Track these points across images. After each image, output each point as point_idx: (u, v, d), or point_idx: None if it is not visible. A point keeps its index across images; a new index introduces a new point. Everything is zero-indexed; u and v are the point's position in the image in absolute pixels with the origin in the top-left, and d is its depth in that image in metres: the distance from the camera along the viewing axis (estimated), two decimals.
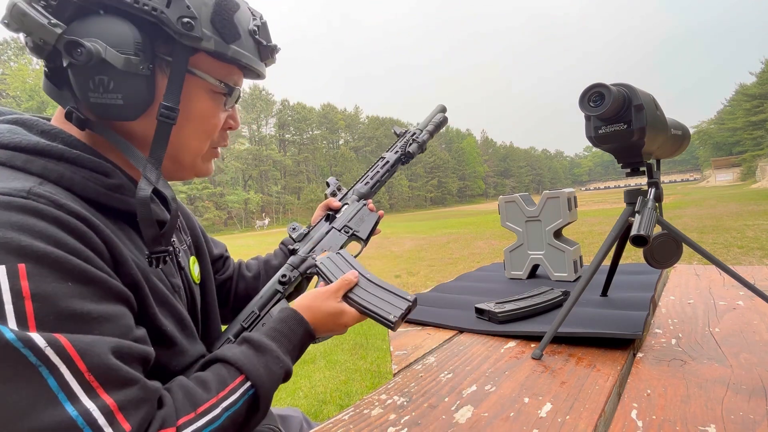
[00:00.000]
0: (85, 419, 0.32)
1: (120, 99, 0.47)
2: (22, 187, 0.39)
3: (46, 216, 0.38)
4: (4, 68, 37.56)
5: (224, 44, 0.51)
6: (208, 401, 0.42)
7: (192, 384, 0.44)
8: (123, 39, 0.46)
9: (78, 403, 0.33)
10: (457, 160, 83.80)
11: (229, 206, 46.19)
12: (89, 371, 0.34)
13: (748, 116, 44.44)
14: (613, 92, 0.57)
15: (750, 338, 0.64)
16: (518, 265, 1.17)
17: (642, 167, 0.66)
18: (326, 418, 1.44)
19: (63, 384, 0.33)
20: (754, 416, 0.44)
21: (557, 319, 0.63)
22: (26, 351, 0.32)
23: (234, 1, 0.52)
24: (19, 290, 0.33)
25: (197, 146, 0.56)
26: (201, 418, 0.41)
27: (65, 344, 0.33)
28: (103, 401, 0.34)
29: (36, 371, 0.32)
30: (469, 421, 0.47)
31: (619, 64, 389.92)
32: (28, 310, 0.33)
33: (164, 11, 0.46)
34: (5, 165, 0.42)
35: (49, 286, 0.34)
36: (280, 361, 0.50)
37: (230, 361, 0.47)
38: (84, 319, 0.36)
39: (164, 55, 0.49)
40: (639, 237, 0.54)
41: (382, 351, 2.92)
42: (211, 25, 0.50)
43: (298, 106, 62.36)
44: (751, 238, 5.61)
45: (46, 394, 0.32)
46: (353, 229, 0.79)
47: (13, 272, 0.33)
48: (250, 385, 0.46)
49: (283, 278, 0.70)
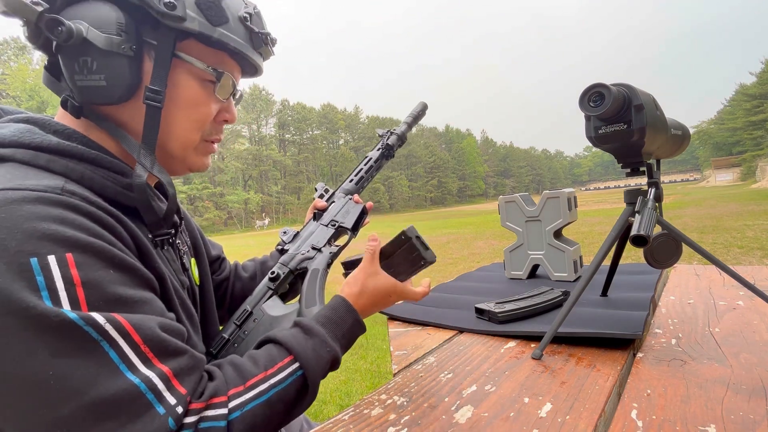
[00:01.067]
0: (147, 385, 0.36)
1: (103, 80, 0.47)
2: (56, 185, 0.40)
3: (81, 210, 0.40)
4: (4, 68, 37.55)
5: (210, 26, 0.50)
6: (256, 376, 0.44)
7: (243, 360, 0.47)
8: (105, 19, 0.46)
9: (137, 372, 0.36)
10: (457, 160, 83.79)
11: (229, 206, 46.18)
12: (144, 343, 0.37)
13: (748, 116, 44.43)
14: (613, 92, 0.57)
15: (750, 338, 0.64)
16: (518, 265, 1.17)
17: (642, 167, 0.66)
18: (326, 418, 1.44)
19: (123, 356, 0.36)
20: (754, 416, 0.44)
21: (557, 319, 0.63)
22: (88, 328, 0.35)
23: None
24: (70, 278, 0.35)
25: (186, 135, 0.54)
26: (249, 391, 0.43)
27: (121, 320, 0.36)
28: (160, 369, 0.37)
29: (98, 345, 0.35)
30: (469, 421, 0.47)
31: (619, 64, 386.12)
32: (80, 296, 0.35)
33: None
34: (29, 164, 0.43)
35: (95, 273, 0.37)
36: (327, 346, 0.51)
37: (280, 341, 0.49)
38: (127, 302, 0.38)
39: (150, 38, 0.49)
40: (639, 237, 0.54)
41: (382, 351, 2.92)
42: (196, 7, 0.50)
43: (298, 106, 62.35)
44: (751, 238, 5.61)
45: (108, 365, 0.35)
46: (339, 222, 0.81)
47: (62, 261, 0.35)
48: (298, 366, 0.47)
49: (272, 275, 0.71)
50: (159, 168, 0.52)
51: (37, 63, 39.88)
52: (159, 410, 0.36)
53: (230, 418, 0.40)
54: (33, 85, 33.86)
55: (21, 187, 0.38)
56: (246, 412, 0.41)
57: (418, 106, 0.96)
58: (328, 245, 0.77)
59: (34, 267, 0.34)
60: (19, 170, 0.42)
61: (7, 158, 0.43)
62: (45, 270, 0.34)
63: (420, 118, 0.96)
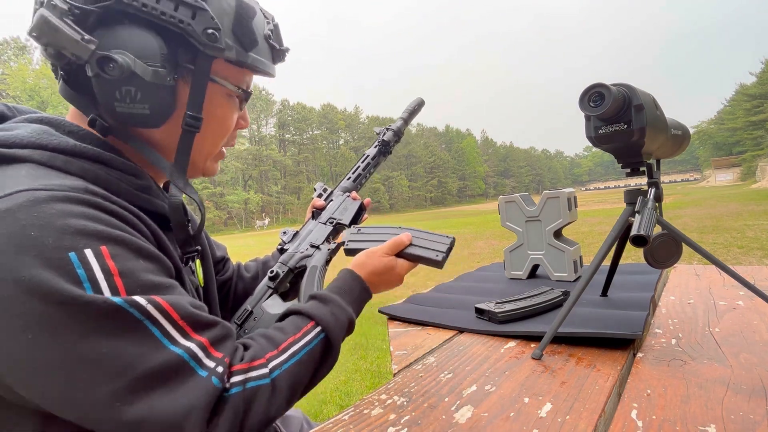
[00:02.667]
0: (189, 354, 0.40)
1: (147, 109, 0.49)
2: (79, 185, 0.42)
3: (105, 208, 0.42)
4: (4, 68, 37.55)
5: (244, 53, 0.53)
6: (286, 341, 0.49)
7: (270, 331, 0.51)
8: (150, 51, 0.47)
9: (178, 344, 0.40)
10: (457, 160, 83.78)
11: (229, 206, 46.17)
12: (181, 319, 0.41)
13: (748, 116, 44.42)
14: (613, 92, 0.57)
15: (750, 338, 0.64)
16: (518, 265, 1.17)
17: (642, 167, 0.65)
18: (326, 418, 1.44)
19: (164, 331, 0.39)
20: (754, 416, 0.44)
21: (557, 319, 0.63)
22: (132, 310, 0.38)
23: (251, 7, 0.53)
24: (107, 269, 0.38)
25: (211, 149, 0.58)
26: (283, 354, 0.48)
27: (160, 301, 0.40)
28: (198, 340, 0.41)
29: (142, 324, 0.38)
30: (469, 421, 0.47)
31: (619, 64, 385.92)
32: (119, 285, 0.38)
33: (190, 23, 0.47)
34: (46, 165, 0.44)
35: (128, 263, 0.40)
36: (343, 310, 0.56)
37: (301, 311, 0.54)
38: (159, 288, 0.42)
39: (186, 62, 0.51)
40: (639, 237, 0.54)
41: (382, 351, 2.92)
42: (232, 34, 0.51)
43: (298, 106, 62.34)
44: (751, 238, 5.61)
45: (153, 341, 0.38)
46: (337, 219, 0.81)
47: (98, 254, 0.38)
48: (320, 329, 0.52)
49: (271, 273, 0.72)
50: (191, 188, 0.55)
51: (37, 63, 39.87)
52: (201, 374, 0.40)
53: (272, 376, 0.45)
54: (33, 85, 33.86)
55: (48, 187, 0.39)
56: (284, 371, 0.46)
57: (414, 102, 0.96)
58: (326, 242, 0.78)
59: (74, 261, 0.36)
60: (39, 171, 0.43)
61: (25, 159, 0.43)
62: (84, 263, 0.37)
63: (416, 113, 0.95)
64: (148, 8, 0.46)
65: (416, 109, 0.95)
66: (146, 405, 0.36)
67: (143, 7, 0.45)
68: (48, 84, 35.49)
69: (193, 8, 0.47)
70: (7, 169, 0.42)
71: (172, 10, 0.46)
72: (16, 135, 0.45)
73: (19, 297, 0.34)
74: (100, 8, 0.45)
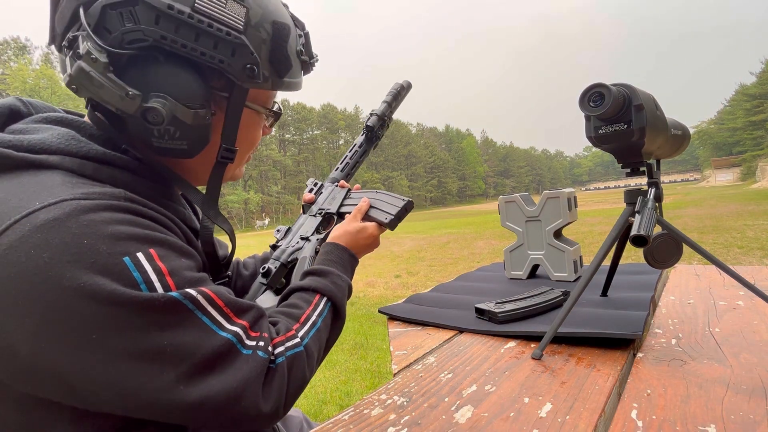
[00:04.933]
0: (235, 337, 0.43)
1: (185, 145, 0.49)
2: (119, 193, 0.43)
3: (144, 214, 0.44)
4: (4, 68, 37.57)
5: (279, 80, 0.53)
6: (304, 314, 0.54)
7: (285, 308, 0.55)
8: (190, 92, 0.46)
9: (225, 329, 0.42)
10: (457, 160, 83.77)
11: (229, 206, 46.16)
12: (226, 306, 0.44)
13: (748, 116, 44.43)
14: (613, 92, 0.57)
15: (750, 338, 0.64)
16: (518, 265, 1.17)
17: (642, 167, 0.65)
18: (326, 418, 1.44)
19: (213, 319, 0.42)
20: (754, 416, 0.44)
21: (557, 319, 0.63)
22: (186, 302, 0.40)
23: (286, 26, 0.52)
24: (159, 269, 0.40)
25: (238, 164, 0.59)
26: (305, 325, 0.52)
27: (208, 291, 0.42)
28: (240, 323, 0.44)
29: (194, 314, 0.41)
30: (469, 421, 0.47)
31: (619, 64, 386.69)
32: (170, 283, 0.40)
33: (230, 62, 0.47)
34: (76, 173, 0.44)
35: (175, 262, 0.42)
36: (341, 278, 0.62)
37: (305, 287, 0.58)
38: (200, 281, 0.44)
39: (219, 90, 0.50)
40: (639, 237, 0.54)
41: (382, 351, 2.92)
42: (269, 64, 0.51)
43: (298, 106, 62.32)
44: (751, 238, 5.61)
45: (204, 328, 0.41)
46: (325, 209, 0.82)
47: (149, 256, 0.40)
48: (327, 299, 0.57)
49: (263, 270, 0.73)
50: (223, 218, 0.58)
51: (37, 63, 39.87)
52: (246, 353, 0.43)
53: (303, 343, 0.50)
54: (33, 85, 33.87)
55: (90, 195, 0.40)
56: (310, 339, 0.51)
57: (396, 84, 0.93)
58: (316, 233, 0.79)
59: (129, 265, 0.38)
60: (73, 179, 0.43)
61: (56, 166, 0.43)
62: (138, 266, 0.39)
63: (400, 96, 0.92)
64: (187, 48, 0.44)
65: (400, 92, 0.92)
66: (206, 386, 0.39)
67: (182, 48, 0.44)
68: (48, 84, 35.49)
69: (233, 45, 0.46)
70: (39, 176, 0.42)
71: (212, 49, 0.45)
72: (43, 140, 0.44)
73: (80, 302, 0.36)
74: (136, 50, 0.44)
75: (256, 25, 0.48)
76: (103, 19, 0.42)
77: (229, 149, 0.53)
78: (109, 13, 0.42)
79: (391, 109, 0.90)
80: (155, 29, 0.43)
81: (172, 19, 0.43)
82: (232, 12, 0.46)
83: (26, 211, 0.37)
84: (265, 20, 0.49)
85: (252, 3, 0.48)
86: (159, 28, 0.43)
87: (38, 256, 0.35)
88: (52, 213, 0.37)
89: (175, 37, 0.43)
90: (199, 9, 0.44)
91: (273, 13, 0.51)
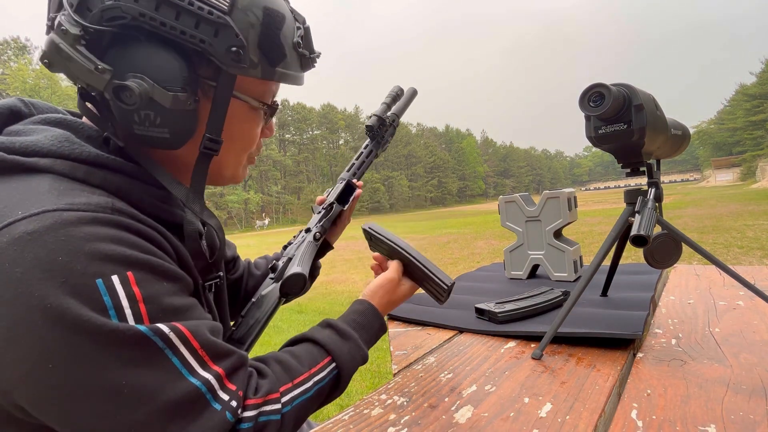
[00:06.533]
0: (206, 386, 0.39)
1: (166, 132, 0.46)
2: (105, 203, 0.40)
3: (132, 229, 0.41)
4: (4, 68, 37.56)
5: (270, 69, 0.49)
6: (302, 375, 0.49)
7: (287, 357, 0.50)
8: (170, 74, 0.44)
9: (197, 374, 0.39)
10: (457, 160, 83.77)
11: (229, 206, 46.18)
12: (201, 348, 0.40)
13: (748, 116, 44.44)
14: (613, 92, 0.57)
15: (750, 338, 0.64)
16: (518, 265, 1.17)
17: (642, 167, 0.66)
18: (326, 418, 1.43)
19: (184, 361, 0.39)
20: (754, 416, 0.44)
21: (557, 319, 0.63)
22: (155, 338, 0.37)
23: (279, 14, 0.50)
24: (133, 295, 0.37)
25: (237, 162, 0.56)
26: (297, 388, 0.47)
27: (182, 329, 0.39)
28: (215, 370, 0.41)
29: (163, 353, 0.37)
30: (469, 421, 0.47)
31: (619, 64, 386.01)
32: (143, 311, 0.37)
33: (212, 42, 0.44)
34: (67, 176, 0.42)
35: (153, 288, 0.39)
36: (360, 349, 0.56)
37: (320, 343, 0.53)
38: (180, 310, 0.41)
39: (207, 79, 0.48)
40: (639, 237, 0.54)
41: (382, 351, 2.92)
42: (258, 50, 0.48)
43: (298, 106, 62.32)
44: (751, 238, 5.61)
45: (173, 371, 0.38)
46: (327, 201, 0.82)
47: (125, 280, 0.37)
48: (335, 366, 0.52)
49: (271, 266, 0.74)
50: (209, 212, 0.54)
51: (36, 63, 39.86)
52: (216, 407, 0.39)
53: (283, 411, 0.45)
54: (33, 85, 33.86)
55: (74, 207, 0.38)
56: (295, 406, 0.46)
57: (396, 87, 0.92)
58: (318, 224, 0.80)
59: (101, 288, 0.36)
60: (62, 184, 0.41)
61: (46, 169, 0.42)
62: (110, 290, 0.36)
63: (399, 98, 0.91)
64: (167, 26, 0.42)
65: (397, 95, 0.91)
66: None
67: (162, 26, 0.42)
68: (48, 84, 35.51)
69: (216, 25, 0.44)
70: (29, 180, 0.40)
71: (193, 28, 0.43)
72: (36, 142, 0.43)
73: (44, 325, 0.34)
74: (115, 27, 0.42)
75: (244, 9, 0.46)
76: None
77: (213, 140, 0.49)
78: None
79: (392, 111, 0.91)
80: (134, 6, 0.41)
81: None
82: None
83: (7, 220, 0.36)
84: (254, 5, 0.47)
85: None
86: (138, 5, 0.41)
87: (11, 271, 0.34)
88: (31, 225, 0.35)
89: (155, 15, 0.42)
90: None
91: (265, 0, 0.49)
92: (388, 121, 0.89)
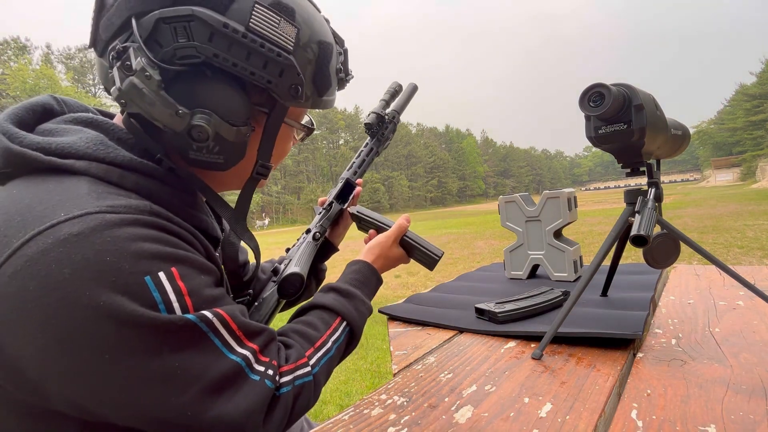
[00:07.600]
0: (244, 361, 0.43)
1: (221, 159, 0.48)
2: (143, 206, 0.42)
3: (169, 229, 0.43)
4: (4, 68, 37.56)
5: (319, 99, 0.53)
6: (321, 338, 0.54)
7: (302, 327, 0.55)
8: (235, 111, 0.46)
9: (236, 352, 0.42)
10: (457, 160, 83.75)
11: None
12: (238, 329, 0.44)
13: (748, 116, 44.44)
14: (613, 92, 0.57)
15: (750, 338, 0.64)
16: (518, 265, 1.17)
17: (642, 167, 0.65)
18: (326, 418, 1.44)
19: (224, 341, 0.42)
20: (754, 416, 0.44)
21: (557, 319, 0.63)
22: (201, 324, 0.40)
23: (330, 45, 0.52)
24: (179, 289, 0.40)
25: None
26: (319, 351, 0.53)
27: (222, 313, 0.42)
28: (250, 347, 0.44)
29: (207, 337, 0.41)
30: (469, 421, 0.47)
31: (619, 64, 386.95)
32: (188, 303, 0.40)
33: (277, 82, 0.46)
34: (102, 180, 0.43)
35: (194, 281, 0.42)
36: (365, 304, 0.63)
37: (328, 307, 0.59)
38: (217, 299, 0.44)
39: (259, 106, 0.50)
40: (639, 237, 0.54)
41: (382, 351, 2.92)
42: (312, 84, 0.50)
43: None
44: (751, 238, 5.61)
45: (215, 351, 0.41)
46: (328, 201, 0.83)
47: (170, 276, 0.39)
48: (346, 324, 0.58)
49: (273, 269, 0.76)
50: (250, 234, 0.57)
51: (37, 63, 39.87)
52: (254, 378, 0.43)
53: (313, 372, 0.50)
54: (33, 85, 33.84)
55: (116, 209, 0.39)
56: (322, 366, 0.52)
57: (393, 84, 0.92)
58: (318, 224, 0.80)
59: (149, 284, 0.38)
60: (99, 187, 0.42)
61: (82, 172, 0.42)
62: (158, 286, 0.38)
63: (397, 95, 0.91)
64: (238, 67, 0.44)
65: (396, 91, 0.91)
66: (214, 411, 0.39)
67: (233, 66, 0.44)
68: (48, 84, 35.48)
69: (282, 65, 0.46)
70: (65, 182, 0.41)
71: (261, 69, 0.45)
72: (71, 144, 0.44)
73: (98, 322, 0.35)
74: (186, 66, 0.43)
75: (304, 46, 0.48)
76: (156, 33, 0.41)
77: (265, 166, 0.53)
78: (162, 27, 0.41)
79: (392, 108, 0.89)
80: (208, 46, 0.42)
81: (226, 38, 0.42)
82: (284, 32, 0.46)
83: (50, 222, 0.36)
84: (312, 40, 0.49)
85: (302, 23, 0.48)
86: (212, 45, 0.42)
87: (59, 272, 0.35)
88: (76, 227, 0.36)
89: (227, 56, 0.43)
90: (253, 29, 0.43)
91: (319, 33, 0.51)
92: (388, 118, 0.88)
